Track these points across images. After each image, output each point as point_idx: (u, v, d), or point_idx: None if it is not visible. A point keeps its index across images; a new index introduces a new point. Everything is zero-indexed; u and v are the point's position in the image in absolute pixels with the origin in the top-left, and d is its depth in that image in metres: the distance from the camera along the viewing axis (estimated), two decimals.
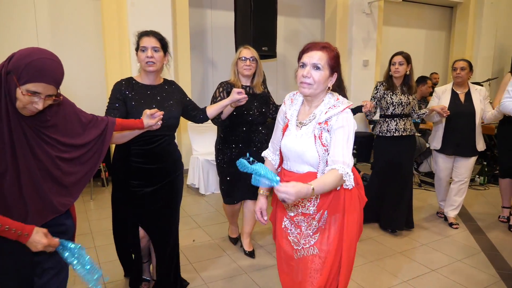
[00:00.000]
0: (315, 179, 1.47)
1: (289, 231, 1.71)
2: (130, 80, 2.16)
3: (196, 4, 5.75)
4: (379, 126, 3.44)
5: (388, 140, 3.37)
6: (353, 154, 5.81)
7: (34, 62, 1.28)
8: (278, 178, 1.33)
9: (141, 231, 2.24)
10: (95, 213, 3.91)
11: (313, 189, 1.37)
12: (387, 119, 3.37)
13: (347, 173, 1.48)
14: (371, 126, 6.30)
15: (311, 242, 1.65)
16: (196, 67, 5.85)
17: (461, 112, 3.45)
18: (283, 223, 1.73)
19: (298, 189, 1.31)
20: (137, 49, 2.15)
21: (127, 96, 2.08)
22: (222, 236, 3.38)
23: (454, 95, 3.55)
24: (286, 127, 1.68)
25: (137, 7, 4.72)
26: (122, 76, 2.32)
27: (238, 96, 2.35)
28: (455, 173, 3.62)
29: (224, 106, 2.42)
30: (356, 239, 1.67)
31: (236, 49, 4.89)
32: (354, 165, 5.60)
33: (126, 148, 2.09)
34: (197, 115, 2.40)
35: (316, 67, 1.55)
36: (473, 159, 3.55)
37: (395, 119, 3.34)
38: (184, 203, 4.36)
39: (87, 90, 5.03)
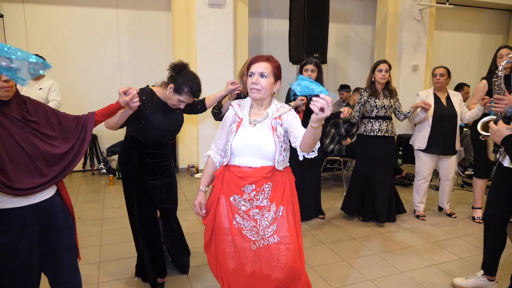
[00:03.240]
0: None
1: (242, 225, 1.86)
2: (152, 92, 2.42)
3: (255, 14, 6.30)
4: (364, 126, 3.77)
5: (370, 139, 3.70)
6: (398, 156, 6.05)
7: None
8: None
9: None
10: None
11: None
12: (371, 120, 3.70)
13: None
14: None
15: (271, 232, 1.84)
16: None
17: (445, 114, 3.76)
18: (233, 220, 1.87)
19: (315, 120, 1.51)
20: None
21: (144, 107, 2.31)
22: None
23: (436, 98, 3.84)
24: (239, 125, 1.90)
25: (204, 19, 5.35)
26: None
27: (232, 86, 2.61)
28: (444, 172, 3.96)
29: (220, 97, 2.70)
30: (300, 226, 1.96)
31: (290, 55, 5.42)
32: (400, 165, 5.85)
33: (139, 150, 2.40)
34: (196, 106, 2.69)
35: (263, 75, 1.82)
36: (455, 157, 3.97)
37: (378, 120, 3.68)
38: None
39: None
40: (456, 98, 3.85)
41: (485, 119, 2.66)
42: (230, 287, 1.96)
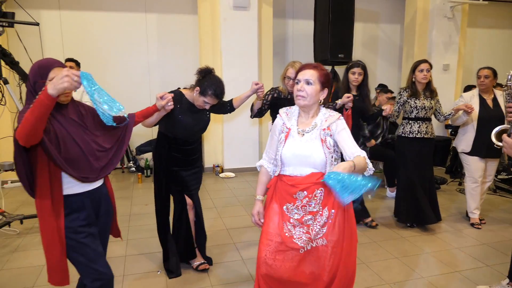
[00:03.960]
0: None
1: (293, 233, 1.86)
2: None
3: (280, 15, 6.33)
4: (402, 127, 3.68)
5: (410, 141, 3.61)
6: None
7: (40, 63, 1.70)
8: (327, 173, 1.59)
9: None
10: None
11: (353, 163, 1.64)
12: (410, 122, 3.62)
13: (366, 158, 1.76)
14: (449, 130, 6.28)
15: (321, 234, 1.86)
16: (278, 72, 6.41)
17: (491, 116, 3.57)
18: (284, 228, 1.88)
19: (344, 166, 1.60)
20: None
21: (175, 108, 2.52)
22: None
23: (482, 100, 3.67)
24: (288, 135, 1.89)
25: (229, 21, 5.44)
26: None
27: (256, 86, 2.76)
28: (484, 175, 3.77)
29: (246, 97, 2.84)
30: (355, 229, 1.92)
31: (315, 56, 5.41)
32: None
33: (169, 145, 2.66)
34: (225, 107, 2.86)
35: (308, 82, 1.82)
36: (498, 160, 3.81)
37: (418, 122, 3.59)
38: None
39: None
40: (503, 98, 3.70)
41: (498, 128, 2.54)
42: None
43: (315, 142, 1.83)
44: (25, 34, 3.67)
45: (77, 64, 4.69)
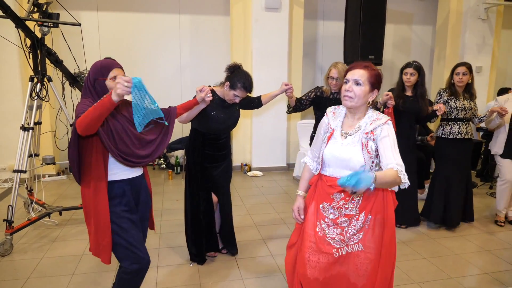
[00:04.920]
0: (378, 172, 1.59)
1: (326, 233, 1.85)
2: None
3: (310, 16, 6.38)
4: (442, 128, 3.69)
5: (450, 142, 3.63)
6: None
7: (102, 62, 1.91)
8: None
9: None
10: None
11: (375, 176, 1.46)
12: (450, 122, 3.63)
13: (402, 171, 1.65)
14: (480, 133, 6.16)
15: (356, 240, 1.82)
16: (307, 73, 6.48)
17: None
18: (317, 227, 1.87)
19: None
20: None
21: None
22: None
23: None
24: (330, 135, 1.86)
25: (260, 22, 5.54)
26: None
27: (285, 87, 2.91)
28: None
29: (274, 95, 3.00)
30: (395, 236, 1.85)
31: (344, 57, 5.44)
32: None
33: (200, 140, 2.79)
34: (253, 103, 2.99)
35: (357, 83, 1.75)
36: None
37: (458, 122, 3.60)
38: (291, 192, 5.00)
39: None
40: None
41: None
42: None
43: (356, 146, 1.78)
44: (66, 34, 3.87)
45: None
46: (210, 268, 2.92)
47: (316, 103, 3.26)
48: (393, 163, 1.68)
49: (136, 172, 2.02)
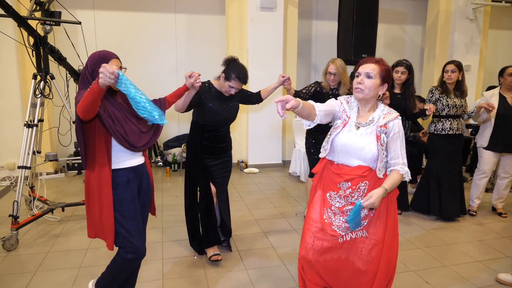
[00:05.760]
0: (385, 181, 1.84)
1: (332, 220, 1.92)
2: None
3: (304, 16, 6.49)
4: (434, 125, 3.88)
5: (442, 138, 3.82)
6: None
7: (100, 53, 1.96)
8: (358, 203, 1.79)
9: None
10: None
11: (385, 189, 1.78)
12: (441, 119, 3.80)
13: (406, 171, 1.87)
14: (470, 130, 6.35)
15: (360, 226, 1.91)
16: (301, 71, 6.60)
17: (510, 114, 3.77)
18: (325, 214, 1.95)
19: (377, 196, 1.76)
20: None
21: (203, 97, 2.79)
22: None
23: (502, 98, 3.85)
24: (345, 124, 1.92)
25: (256, 22, 5.63)
26: None
27: (282, 79, 3.01)
28: (503, 170, 4.01)
29: (273, 89, 3.11)
30: (397, 223, 2.00)
31: (338, 56, 5.57)
32: None
33: (200, 133, 2.86)
34: (253, 97, 3.10)
35: (369, 76, 1.84)
36: None
37: (449, 119, 3.78)
38: (288, 187, 5.11)
39: None
40: None
41: None
42: (304, 272, 2.04)
43: (370, 137, 1.85)
44: (65, 32, 3.92)
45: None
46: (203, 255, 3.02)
47: (315, 98, 3.35)
48: (399, 163, 1.88)
49: (138, 160, 2.08)
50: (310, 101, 1.86)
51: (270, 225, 3.77)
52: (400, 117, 1.92)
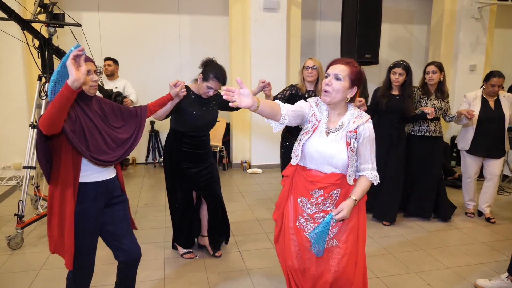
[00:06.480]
0: (354, 191, 1.81)
1: (304, 227, 1.87)
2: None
3: (308, 16, 6.50)
4: (412, 126, 3.83)
5: (419, 139, 3.78)
6: (452, 158, 5.94)
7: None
8: (330, 216, 1.77)
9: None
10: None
11: (355, 200, 1.78)
12: (419, 121, 3.73)
13: (375, 176, 1.84)
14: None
15: (331, 235, 1.85)
16: None
17: (491, 117, 3.75)
18: (297, 221, 1.90)
19: (348, 208, 1.75)
20: None
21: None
22: None
23: (484, 102, 3.80)
24: (315, 128, 1.83)
25: (259, 23, 5.65)
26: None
27: (262, 84, 2.83)
28: (488, 172, 3.90)
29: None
30: (366, 230, 1.95)
31: (341, 56, 5.52)
32: (453, 167, 5.76)
33: (180, 139, 2.78)
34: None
35: (337, 78, 1.74)
36: (503, 159, 3.90)
37: (426, 121, 3.72)
38: None
39: None
40: (506, 100, 3.80)
41: None
42: (296, 284, 2.00)
43: (341, 143, 1.79)
44: (69, 35, 3.96)
45: (115, 62, 4.98)
46: (216, 260, 3.03)
47: (292, 102, 3.21)
48: (368, 168, 1.84)
49: (109, 174, 1.98)
50: (277, 101, 1.78)
51: (272, 225, 3.76)
52: (371, 120, 1.84)
